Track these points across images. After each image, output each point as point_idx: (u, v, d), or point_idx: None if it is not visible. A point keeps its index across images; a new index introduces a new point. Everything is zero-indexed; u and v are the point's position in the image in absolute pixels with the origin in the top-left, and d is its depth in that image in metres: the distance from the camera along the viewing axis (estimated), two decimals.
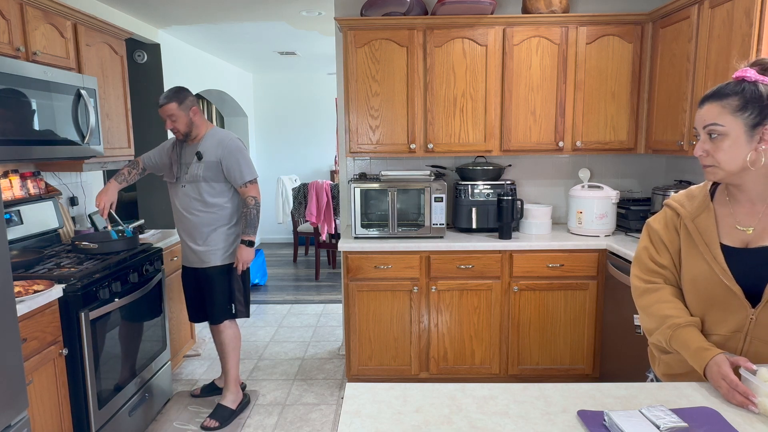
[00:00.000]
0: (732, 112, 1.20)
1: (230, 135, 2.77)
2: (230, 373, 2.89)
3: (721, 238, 1.29)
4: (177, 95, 2.67)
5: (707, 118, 1.23)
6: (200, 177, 2.70)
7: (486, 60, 3.08)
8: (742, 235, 1.28)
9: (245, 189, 2.72)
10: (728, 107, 1.21)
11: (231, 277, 2.82)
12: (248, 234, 2.73)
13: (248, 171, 2.73)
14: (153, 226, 4.34)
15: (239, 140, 2.77)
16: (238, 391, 2.93)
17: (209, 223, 2.74)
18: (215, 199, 2.73)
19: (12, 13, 2.30)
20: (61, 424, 2.17)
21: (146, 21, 4.26)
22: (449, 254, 2.97)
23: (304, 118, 7.55)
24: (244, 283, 2.89)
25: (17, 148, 2.22)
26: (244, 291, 2.89)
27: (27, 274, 2.23)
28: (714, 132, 1.22)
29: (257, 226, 2.76)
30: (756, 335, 1.24)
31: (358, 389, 1.25)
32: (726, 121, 1.21)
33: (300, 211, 5.89)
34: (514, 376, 3.10)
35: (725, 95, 1.22)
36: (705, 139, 1.25)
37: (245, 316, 2.91)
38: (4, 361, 1.65)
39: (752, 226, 1.27)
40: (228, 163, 2.69)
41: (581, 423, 1.09)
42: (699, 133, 1.27)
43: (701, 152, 1.25)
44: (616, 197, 3.07)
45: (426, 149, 3.17)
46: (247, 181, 2.72)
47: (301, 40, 5.05)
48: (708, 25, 2.46)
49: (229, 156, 2.69)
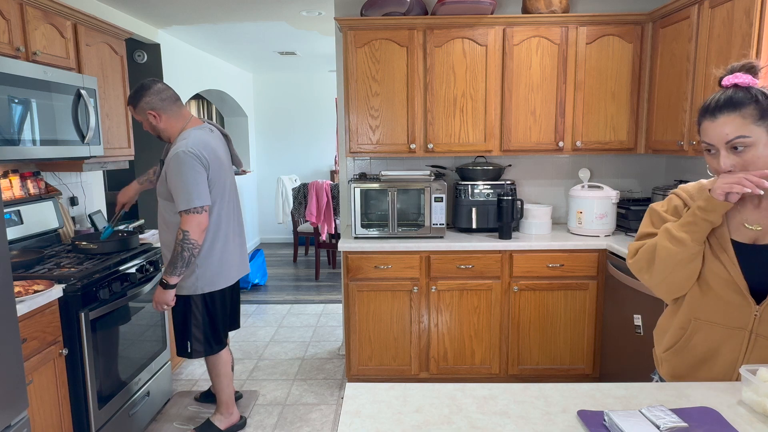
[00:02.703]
0: (755, 122, 1.17)
1: (184, 147, 2.27)
2: (220, 397, 2.68)
3: (730, 233, 1.27)
4: (132, 97, 2.39)
5: (730, 132, 1.18)
6: (157, 189, 2.42)
7: (486, 60, 3.08)
8: (749, 232, 1.26)
9: (181, 218, 2.27)
10: (749, 117, 1.17)
11: (187, 311, 2.46)
12: (166, 273, 2.31)
13: (185, 198, 2.24)
14: (153, 226, 4.34)
15: (192, 155, 2.25)
16: (231, 414, 2.70)
17: (168, 243, 2.43)
18: (169, 218, 2.39)
19: (12, 13, 2.30)
20: (61, 424, 2.17)
21: (146, 21, 4.26)
22: (449, 254, 2.97)
23: (304, 118, 7.55)
24: (212, 317, 2.51)
25: (17, 148, 2.22)
26: (206, 328, 2.51)
27: (27, 274, 2.23)
28: (741, 144, 1.17)
29: (181, 267, 2.28)
30: (761, 333, 1.23)
31: (358, 389, 1.25)
32: (751, 131, 1.17)
33: (300, 211, 5.89)
34: (514, 376, 3.10)
35: (741, 104, 1.18)
36: (727, 154, 1.19)
37: (202, 356, 2.54)
38: (4, 361, 1.65)
39: (759, 223, 1.26)
40: (169, 183, 2.28)
41: (581, 423, 1.09)
42: (715, 149, 1.20)
43: (728, 167, 1.19)
44: (616, 197, 3.07)
45: (426, 149, 3.17)
46: (182, 210, 2.25)
47: (301, 40, 5.05)
48: (708, 25, 2.46)
49: (170, 174, 2.26)
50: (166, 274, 2.32)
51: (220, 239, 2.48)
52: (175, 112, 2.44)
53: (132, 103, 2.41)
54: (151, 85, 2.40)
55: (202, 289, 2.46)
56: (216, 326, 2.56)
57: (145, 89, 2.38)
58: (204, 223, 2.30)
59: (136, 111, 2.41)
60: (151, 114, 2.39)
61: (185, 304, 2.47)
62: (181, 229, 2.27)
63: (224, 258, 2.51)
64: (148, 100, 2.37)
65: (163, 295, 2.36)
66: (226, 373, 2.67)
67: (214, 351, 2.58)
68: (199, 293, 2.47)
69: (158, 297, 2.38)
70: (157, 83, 2.43)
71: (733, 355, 1.28)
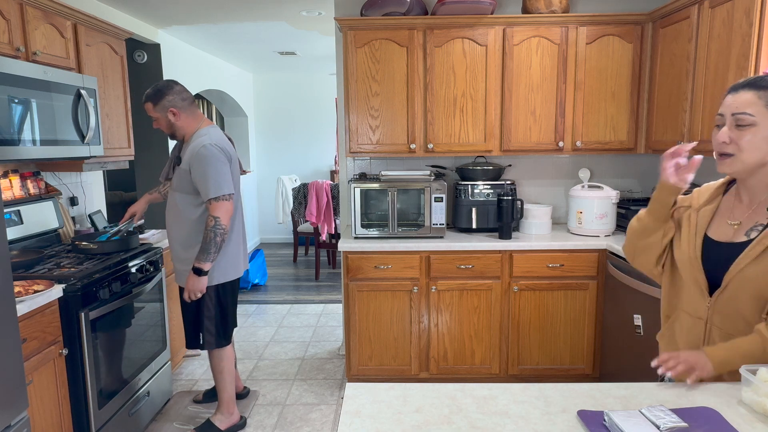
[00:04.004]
0: (766, 105, 1.20)
1: (209, 141, 2.43)
2: (221, 395, 2.70)
3: (709, 230, 1.34)
4: (154, 95, 2.49)
5: (739, 106, 1.22)
6: (174, 186, 2.51)
7: (486, 60, 3.08)
8: (729, 230, 1.31)
9: (209, 206, 2.40)
10: (764, 98, 1.20)
11: (200, 303, 2.55)
12: (199, 260, 2.41)
13: (214, 186, 2.39)
14: (153, 226, 4.34)
15: (218, 148, 2.43)
16: (231, 414, 2.73)
17: (181, 239, 2.52)
18: (188, 212, 2.49)
19: (12, 13, 2.30)
20: (61, 424, 2.17)
21: (146, 21, 4.26)
22: (449, 254, 2.97)
23: (304, 118, 7.55)
24: (223, 309, 2.60)
25: (17, 148, 2.22)
26: (221, 318, 2.60)
27: (27, 274, 2.23)
28: (742, 121, 1.21)
29: (214, 252, 2.41)
30: (714, 323, 1.29)
31: (358, 389, 1.25)
32: (757, 112, 1.20)
33: (300, 211, 5.89)
34: (514, 376, 3.10)
35: (761, 87, 1.21)
36: (731, 126, 1.23)
37: (214, 347, 2.62)
38: (4, 361, 1.65)
39: (740, 219, 1.30)
40: (195, 174, 2.40)
41: (581, 423, 1.09)
42: (723, 121, 1.25)
43: (725, 138, 1.23)
44: (616, 197, 3.07)
45: (426, 149, 3.17)
46: (211, 198, 2.39)
47: (301, 40, 5.05)
48: (708, 25, 2.45)
49: (197, 166, 2.39)
50: (200, 261, 2.42)
51: (234, 231, 2.60)
52: (192, 112, 2.57)
53: (153, 100, 2.50)
54: (173, 86, 2.53)
55: (217, 279, 2.56)
56: (226, 319, 2.64)
57: (168, 88, 2.51)
58: (231, 210, 2.44)
59: (156, 108, 2.50)
60: (172, 112, 2.50)
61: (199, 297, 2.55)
62: (212, 216, 2.39)
63: (236, 250, 2.63)
64: (171, 99, 2.49)
65: (198, 282, 2.45)
66: (230, 371, 2.71)
67: (223, 344, 2.65)
68: (214, 283, 2.56)
69: (192, 285, 2.45)
70: (178, 84, 2.57)
71: (697, 344, 1.34)
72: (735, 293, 1.24)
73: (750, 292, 1.22)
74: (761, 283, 1.20)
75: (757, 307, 1.23)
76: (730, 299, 1.26)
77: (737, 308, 1.25)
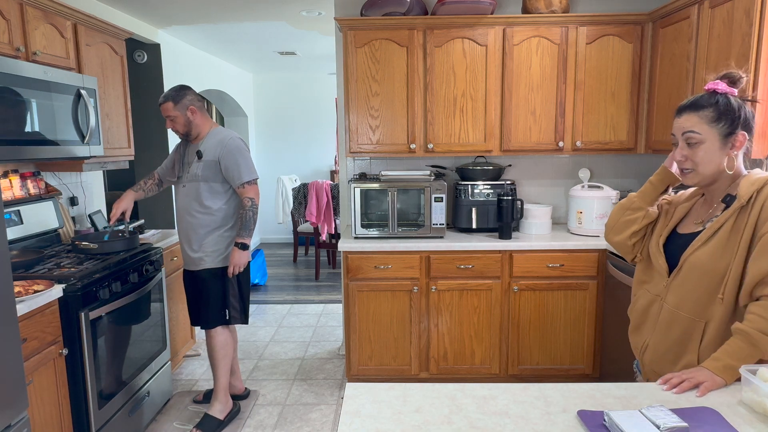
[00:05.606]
0: (708, 123, 1.34)
1: (232, 134, 2.73)
2: (219, 381, 2.80)
3: (679, 226, 1.48)
4: (174, 94, 2.66)
5: (686, 126, 1.37)
6: (199, 176, 2.67)
7: (486, 60, 3.08)
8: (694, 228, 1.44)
9: (243, 190, 2.67)
10: (705, 118, 1.35)
11: (225, 282, 2.75)
12: (242, 236, 2.67)
13: (247, 171, 2.68)
14: (153, 226, 4.34)
15: (241, 140, 2.73)
16: (228, 401, 2.84)
17: (205, 225, 2.70)
18: (212, 200, 2.69)
19: (12, 13, 2.30)
20: (61, 424, 2.17)
21: (146, 21, 4.26)
22: (449, 254, 2.97)
23: (304, 118, 7.55)
24: (241, 288, 2.82)
25: (17, 148, 2.22)
26: (240, 297, 2.81)
27: (27, 274, 2.23)
28: (692, 139, 1.36)
29: (253, 228, 2.70)
30: (667, 300, 1.42)
31: (358, 389, 1.25)
32: (703, 130, 1.35)
33: (300, 211, 5.89)
34: (514, 376, 3.10)
35: (701, 107, 1.36)
36: (683, 146, 1.39)
37: (240, 322, 2.84)
38: (4, 361, 1.65)
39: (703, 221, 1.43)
40: (226, 163, 2.64)
41: (581, 423, 1.09)
42: (677, 140, 1.41)
43: (680, 157, 1.39)
44: (616, 197, 3.07)
45: (426, 149, 3.17)
46: (245, 182, 2.66)
47: (301, 40, 5.05)
48: (708, 25, 2.45)
49: (228, 155, 2.65)
50: (242, 237, 2.67)
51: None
52: (204, 113, 2.79)
53: (174, 99, 2.66)
54: (190, 88, 2.76)
55: None
56: (244, 297, 2.86)
57: (187, 89, 2.72)
58: (259, 192, 2.74)
59: (177, 107, 2.66)
60: (191, 110, 2.68)
61: (224, 275, 2.74)
62: (247, 197, 2.66)
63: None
64: (191, 98, 2.70)
65: (243, 257, 2.69)
66: (228, 355, 2.83)
67: (245, 320, 2.87)
68: None
69: (237, 259, 2.68)
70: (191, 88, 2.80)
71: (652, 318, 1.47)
72: (687, 274, 1.38)
73: (698, 272, 1.35)
74: (707, 264, 1.34)
75: (703, 285, 1.34)
76: (683, 279, 1.39)
77: (688, 288, 1.38)
